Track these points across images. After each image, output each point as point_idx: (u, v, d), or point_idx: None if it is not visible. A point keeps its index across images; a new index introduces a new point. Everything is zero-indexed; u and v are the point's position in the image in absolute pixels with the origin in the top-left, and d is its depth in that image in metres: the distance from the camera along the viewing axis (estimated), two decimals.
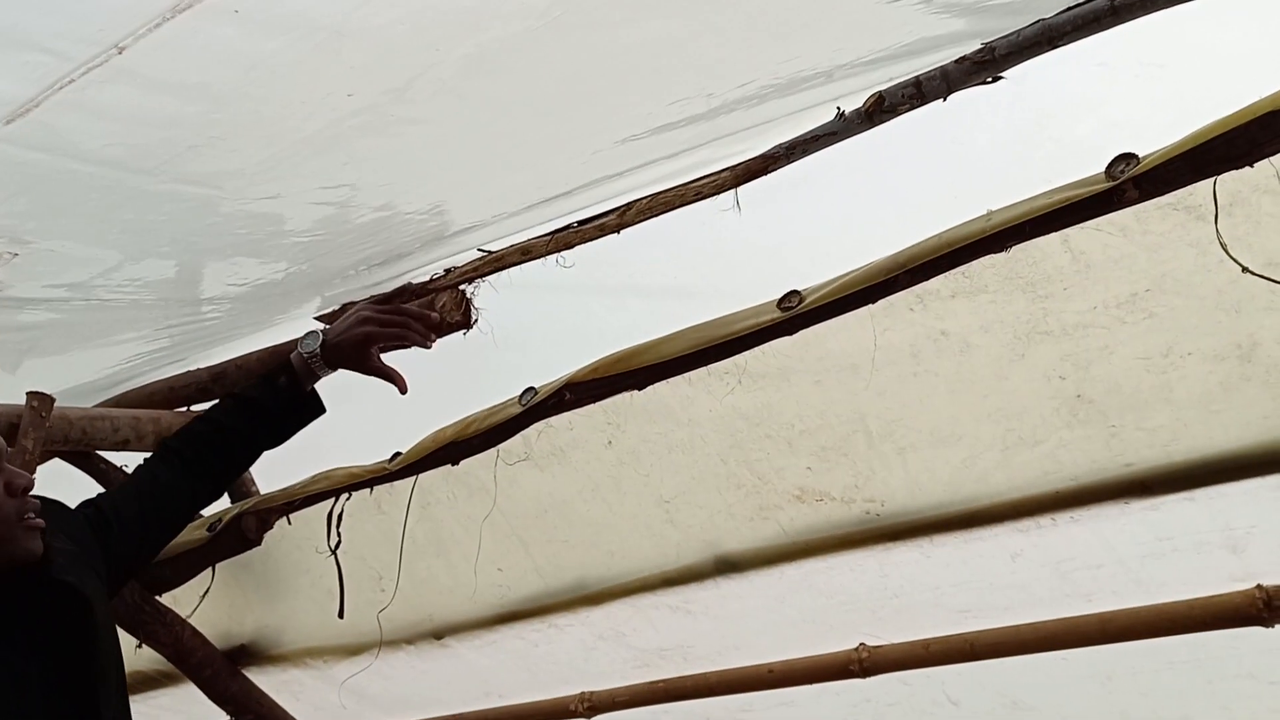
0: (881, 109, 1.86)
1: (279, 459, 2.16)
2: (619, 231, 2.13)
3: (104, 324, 2.22)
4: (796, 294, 1.84)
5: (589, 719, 2.65)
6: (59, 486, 2.04)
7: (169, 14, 1.23)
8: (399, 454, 2.31)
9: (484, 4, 1.31)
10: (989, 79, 1.80)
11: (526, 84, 1.53)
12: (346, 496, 2.40)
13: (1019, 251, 1.70)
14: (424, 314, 2.02)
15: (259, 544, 2.52)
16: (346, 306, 2.44)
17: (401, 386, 1.97)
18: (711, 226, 2.07)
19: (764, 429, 2.07)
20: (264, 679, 2.90)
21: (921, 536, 2.10)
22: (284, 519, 2.49)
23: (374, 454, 2.36)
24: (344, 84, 1.42)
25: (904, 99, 1.84)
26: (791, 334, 1.88)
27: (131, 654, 2.43)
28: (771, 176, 1.99)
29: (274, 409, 1.98)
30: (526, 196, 2.01)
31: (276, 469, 2.44)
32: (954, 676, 2.31)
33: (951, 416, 1.93)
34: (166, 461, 1.97)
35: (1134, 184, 1.53)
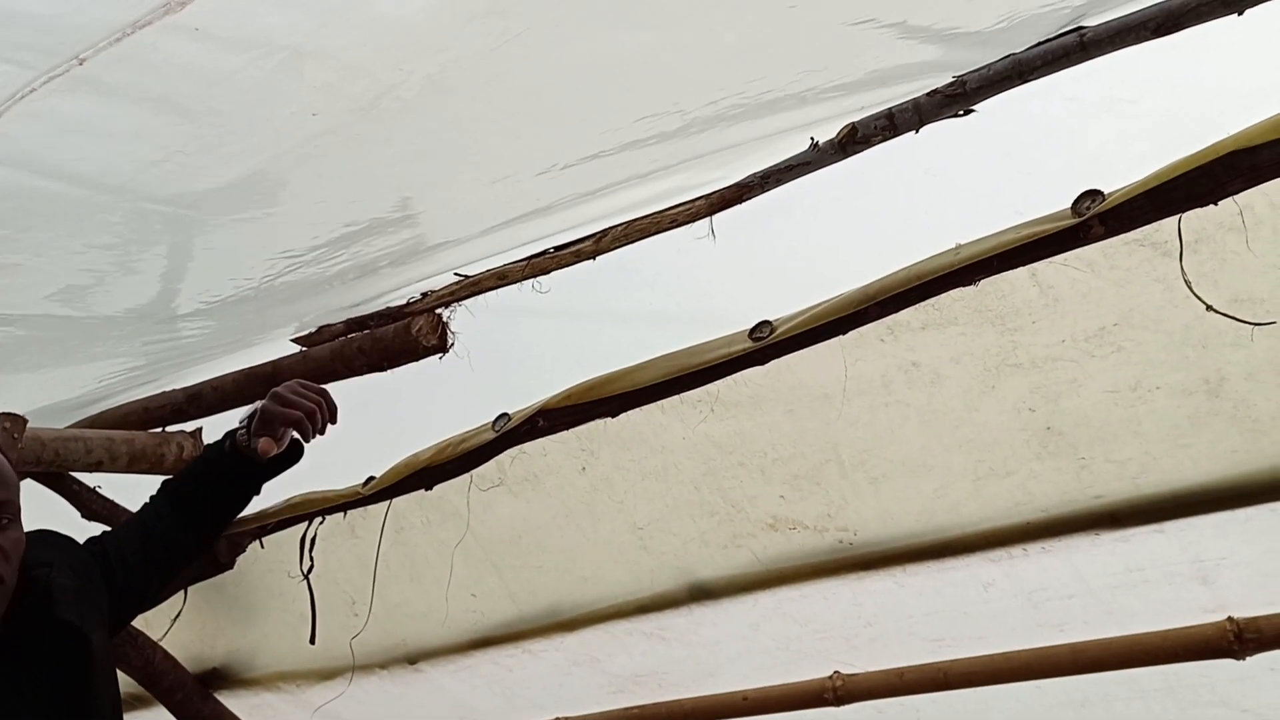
0: (854, 140, 1.86)
1: None
2: (595, 258, 2.13)
3: (77, 342, 2.20)
4: (768, 324, 1.85)
5: None
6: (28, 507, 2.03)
7: (129, 29, 1.22)
8: (373, 478, 2.31)
9: (446, 24, 1.31)
10: (960, 112, 1.82)
11: (493, 101, 1.52)
12: (320, 520, 2.39)
13: (988, 285, 1.71)
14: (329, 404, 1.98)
15: (231, 567, 2.51)
16: (323, 329, 2.44)
17: (262, 450, 1.90)
18: (687, 254, 2.08)
19: (737, 457, 2.07)
20: (236, 703, 2.88)
21: (894, 566, 2.10)
22: (256, 542, 2.48)
23: (348, 478, 2.35)
24: (308, 103, 1.42)
25: (876, 130, 1.85)
26: (763, 364, 1.88)
27: None
28: (746, 205, 1.99)
29: (224, 473, 1.96)
30: (499, 213, 2.00)
31: None
32: (928, 705, 2.31)
33: (923, 447, 1.94)
34: (170, 500, 1.98)
35: (1099, 220, 1.54)
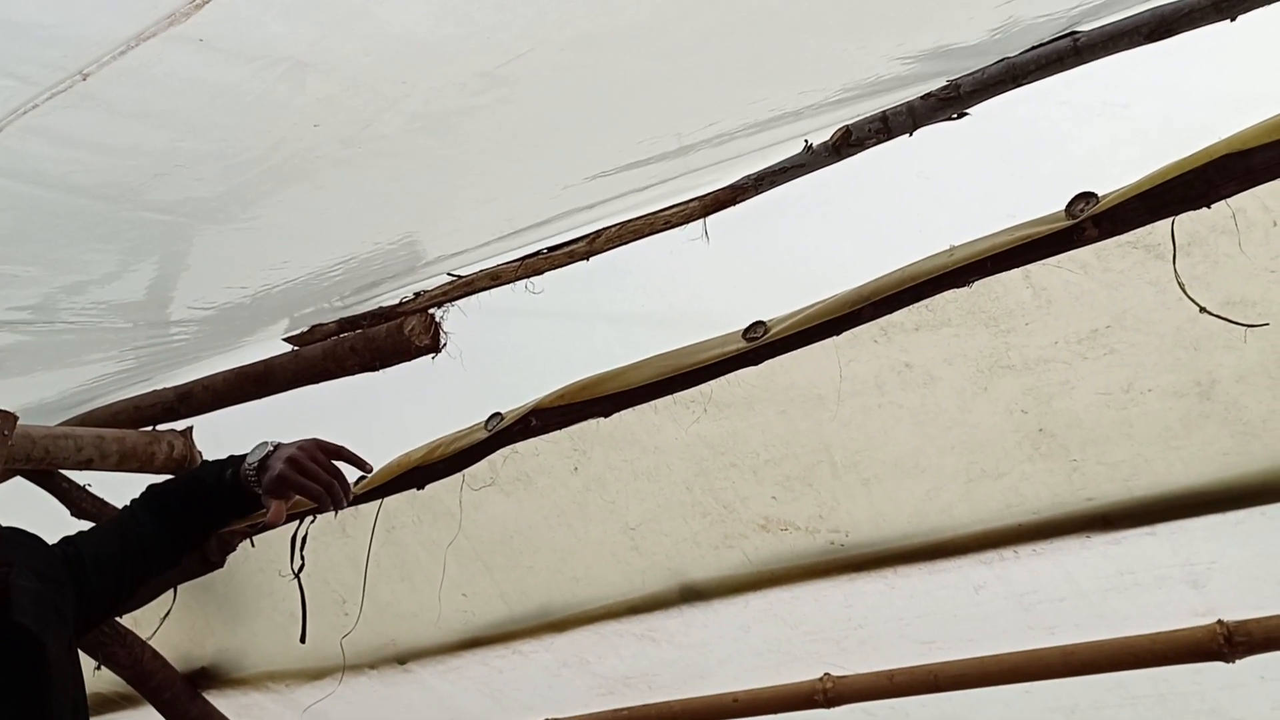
0: (848, 143, 1.87)
1: None
2: (588, 259, 2.13)
3: (69, 346, 2.20)
4: (762, 325, 1.85)
5: None
6: (16, 504, 2.03)
7: (133, 42, 1.22)
8: (364, 477, 2.29)
9: (449, 40, 1.31)
10: (954, 115, 1.82)
11: (495, 121, 1.52)
12: (311, 519, 2.38)
13: (981, 286, 1.72)
14: (359, 463, 1.95)
15: (221, 566, 2.50)
16: (315, 329, 2.43)
17: (271, 520, 1.87)
18: (680, 255, 2.08)
19: (729, 458, 2.07)
20: (224, 702, 2.87)
21: (886, 567, 2.11)
22: (247, 541, 2.47)
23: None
24: (310, 115, 1.42)
25: (870, 133, 1.85)
26: (757, 364, 1.89)
27: (91, 676, 2.40)
28: (739, 207, 2.00)
29: (218, 499, 1.94)
30: (498, 228, 2.01)
31: None
32: (918, 708, 2.32)
33: (915, 448, 1.94)
34: (151, 506, 1.96)
35: (1093, 222, 1.55)
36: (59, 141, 1.38)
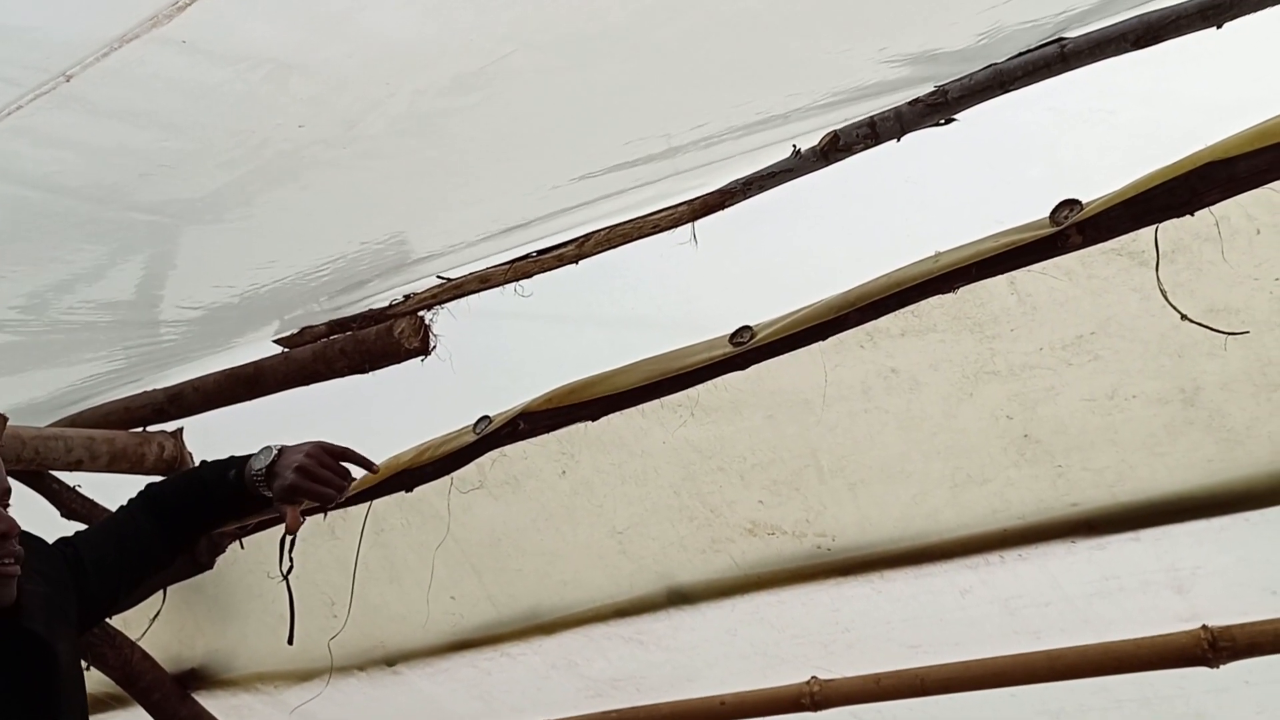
0: (836, 148, 1.87)
1: None
2: (577, 262, 2.13)
3: (59, 346, 2.20)
4: (748, 329, 1.85)
5: None
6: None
7: (116, 43, 1.23)
8: (353, 479, 2.30)
9: (434, 42, 1.32)
10: (942, 121, 1.82)
11: (480, 122, 1.53)
12: (301, 520, 2.38)
13: (967, 292, 1.72)
14: (365, 464, 1.97)
15: (211, 567, 2.49)
16: (305, 330, 2.44)
17: (289, 528, 1.90)
18: (669, 259, 2.08)
19: (716, 461, 2.07)
20: (214, 703, 2.87)
21: (872, 571, 2.11)
22: (236, 543, 2.47)
23: None
24: (295, 115, 1.42)
25: (858, 138, 1.86)
26: (744, 369, 1.89)
27: None
28: (728, 211, 2.00)
29: (221, 500, 1.93)
30: (484, 228, 2.01)
31: None
32: (905, 711, 2.32)
33: (901, 453, 1.95)
34: (147, 507, 1.94)
35: (1077, 229, 1.56)
36: (44, 142, 1.39)
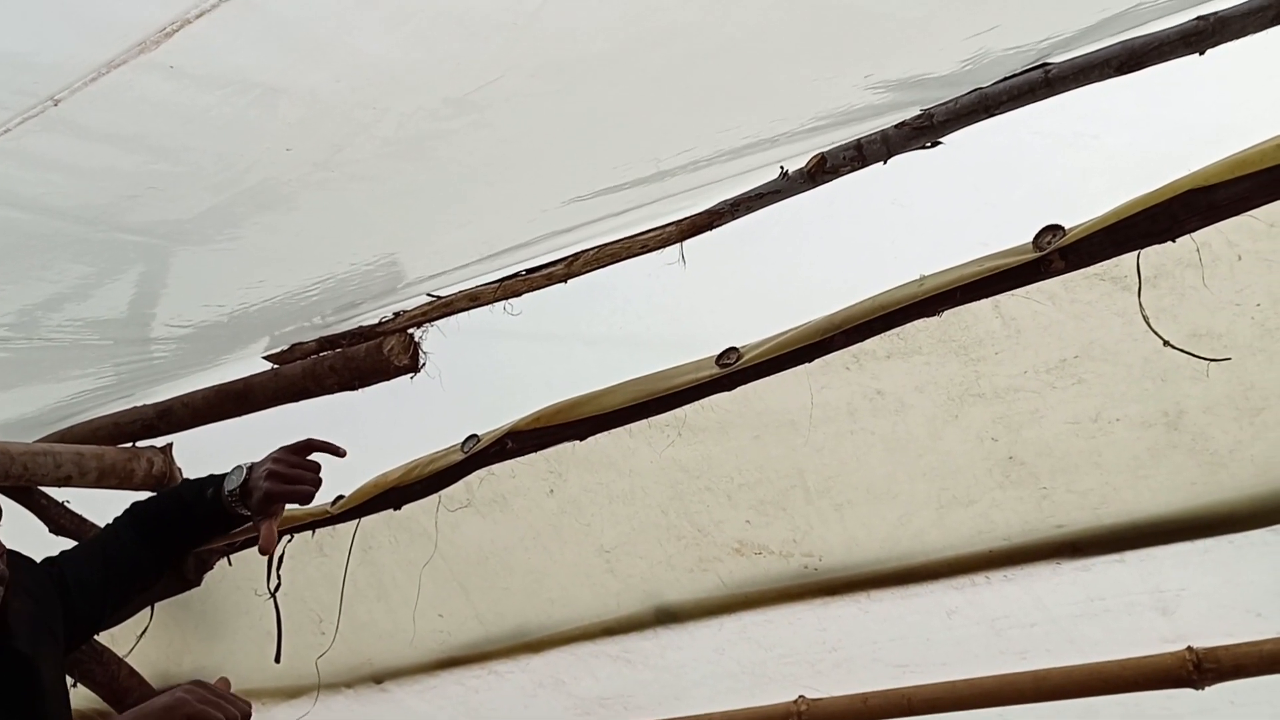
0: (823, 170, 1.88)
1: None
2: (566, 281, 2.14)
3: (48, 362, 2.20)
4: (735, 351, 1.86)
5: None
6: None
7: (104, 69, 1.24)
8: (341, 497, 2.30)
9: (419, 66, 1.33)
10: (928, 144, 1.84)
11: (469, 146, 1.54)
12: (288, 538, 2.38)
13: (952, 315, 1.73)
14: (328, 449, 1.98)
15: (198, 584, 2.49)
16: (295, 347, 2.44)
17: (264, 547, 1.88)
18: (657, 278, 2.09)
19: (704, 481, 2.08)
20: None
21: (859, 591, 2.11)
22: (224, 559, 2.47)
23: (317, 497, 2.34)
24: (282, 139, 1.43)
25: (845, 161, 1.87)
26: (730, 389, 1.90)
27: None
28: (716, 232, 2.01)
29: (200, 518, 1.94)
30: (476, 250, 2.02)
31: None
32: None
33: (887, 474, 1.95)
34: (133, 525, 1.95)
35: (1060, 255, 1.57)
36: (32, 164, 1.39)
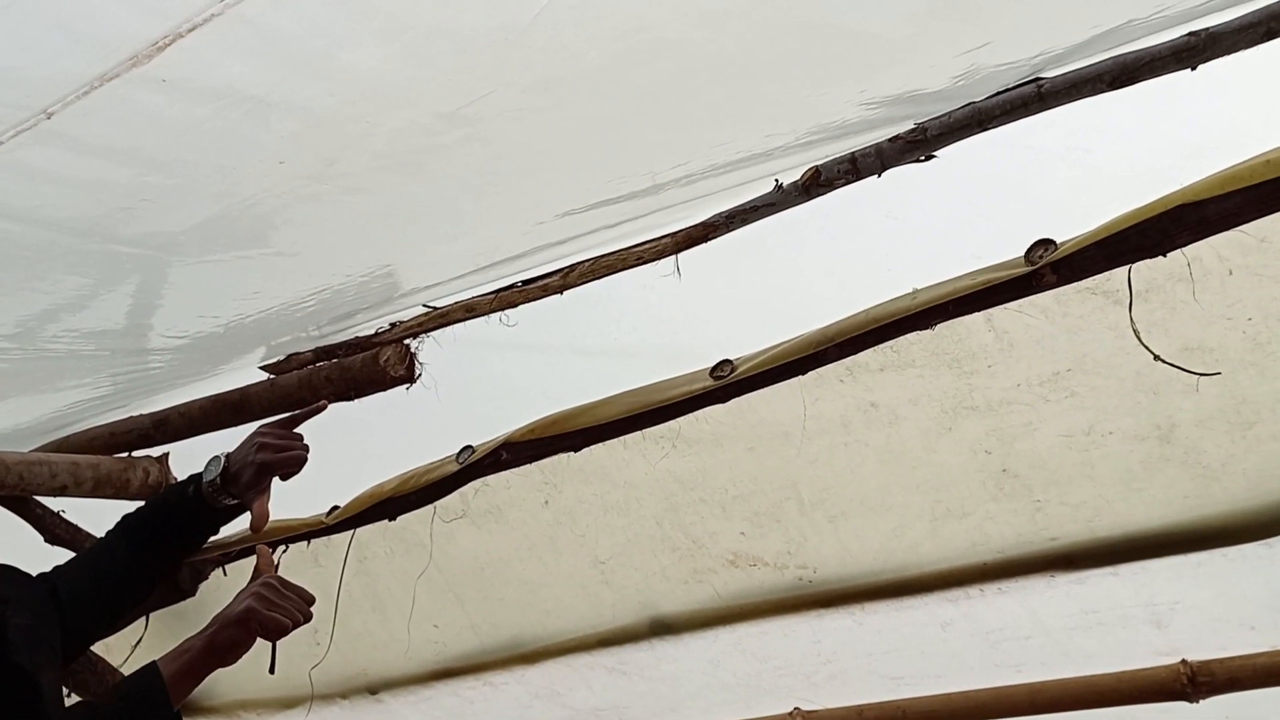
0: (818, 183, 1.89)
1: None
2: (562, 292, 2.14)
3: (44, 372, 2.21)
4: (729, 363, 1.86)
5: None
6: None
7: (97, 82, 1.25)
8: (336, 508, 2.30)
9: (412, 81, 1.33)
10: (922, 158, 1.84)
11: (461, 159, 1.55)
12: (283, 549, 2.38)
13: (944, 329, 1.73)
14: (309, 412, 1.99)
15: (193, 594, 2.49)
16: (292, 357, 2.45)
17: (257, 524, 1.89)
18: (652, 290, 2.10)
19: (698, 493, 2.08)
20: None
21: (854, 603, 2.11)
22: (219, 569, 2.47)
23: (312, 507, 2.35)
24: (275, 152, 1.44)
25: (839, 174, 1.87)
26: (725, 401, 1.90)
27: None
28: (711, 244, 2.01)
29: (183, 518, 1.94)
30: (471, 261, 2.03)
31: None
32: None
33: (881, 486, 1.95)
34: (125, 535, 1.94)
35: (1051, 269, 1.57)
36: (26, 176, 1.40)
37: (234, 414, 2.50)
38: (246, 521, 2.33)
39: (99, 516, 2.48)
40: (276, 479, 1.94)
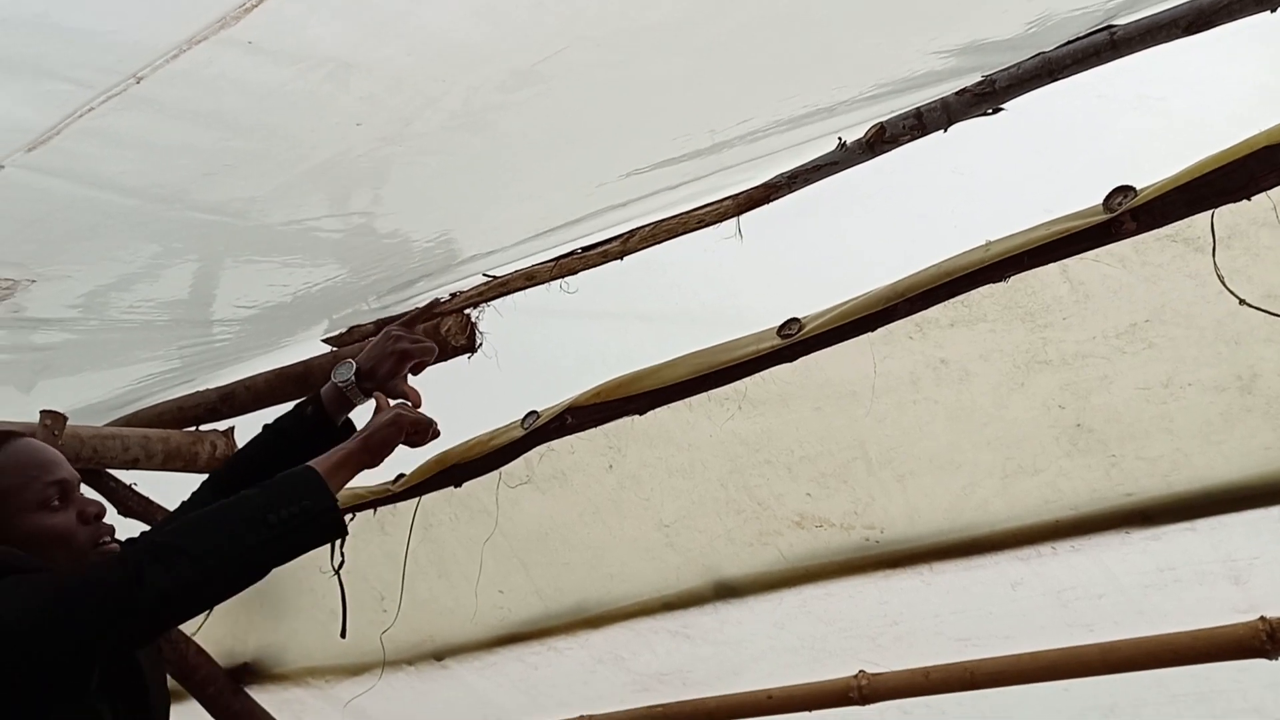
0: (882, 139, 1.87)
1: None
2: (622, 258, 2.14)
3: (117, 344, 2.25)
4: (796, 321, 1.86)
5: None
6: None
7: (185, 45, 1.26)
8: (403, 475, 2.33)
9: (488, 39, 1.33)
10: (989, 110, 1.82)
11: (532, 118, 1.55)
12: (350, 516, 2.41)
13: (1018, 281, 1.71)
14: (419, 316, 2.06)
15: None
16: (353, 329, 2.47)
17: (416, 401, 1.93)
18: (714, 253, 2.09)
19: (764, 455, 2.08)
20: (266, 697, 2.91)
21: (921, 564, 2.10)
22: None
23: (378, 475, 2.37)
24: (353, 113, 1.45)
25: (905, 130, 1.85)
26: (791, 361, 1.89)
27: None
28: (773, 205, 2.00)
29: (300, 439, 1.94)
30: (532, 226, 2.03)
31: None
32: (954, 705, 2.31)
33: (951, 444, 1.94)
34: (217, 490, 1.95)
35: (1131, 216, 1.54)
36: (112, 143, 1.42)
37: (298, 386, 2.53)
38: None
39: (169, 489, 2.53)
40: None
